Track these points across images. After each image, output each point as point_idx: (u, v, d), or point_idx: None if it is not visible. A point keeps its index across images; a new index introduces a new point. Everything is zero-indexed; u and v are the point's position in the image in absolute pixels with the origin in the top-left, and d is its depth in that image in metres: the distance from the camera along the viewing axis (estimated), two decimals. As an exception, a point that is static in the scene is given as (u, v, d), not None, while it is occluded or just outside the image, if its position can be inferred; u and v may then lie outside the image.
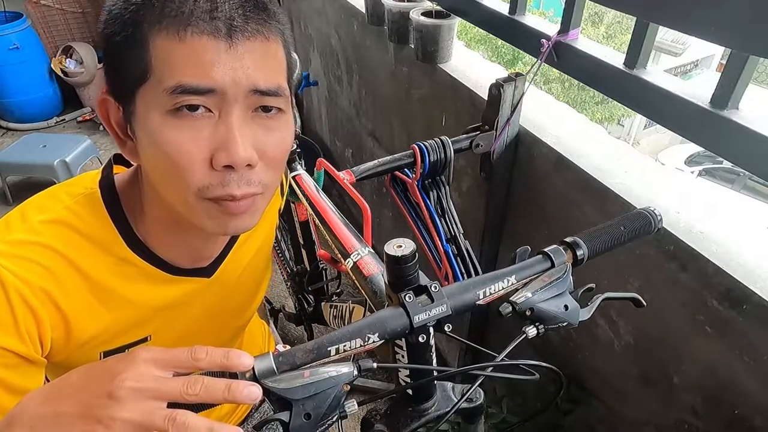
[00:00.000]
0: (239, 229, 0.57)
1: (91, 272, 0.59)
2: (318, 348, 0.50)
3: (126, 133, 0.56)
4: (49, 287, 0.56)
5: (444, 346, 1.90)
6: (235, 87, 0.50)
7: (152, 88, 0.50)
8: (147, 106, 0.51)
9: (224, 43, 0.49)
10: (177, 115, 0.50)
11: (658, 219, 0.68)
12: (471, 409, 0.69)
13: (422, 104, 1.66)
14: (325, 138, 2.81)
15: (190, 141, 0.50)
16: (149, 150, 0.53)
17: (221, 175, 0.52)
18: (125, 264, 0.62)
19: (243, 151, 0.50)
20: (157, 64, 0.49)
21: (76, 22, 3.76)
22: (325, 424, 0.48)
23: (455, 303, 0.55)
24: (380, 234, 2.25)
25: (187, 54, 0.48)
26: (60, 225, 0.58)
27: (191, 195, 0.53)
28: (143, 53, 0.49)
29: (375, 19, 1.76)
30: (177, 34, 0.48)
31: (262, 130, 0.53)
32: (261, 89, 0.51)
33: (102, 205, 0.61)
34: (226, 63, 0.49)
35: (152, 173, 0.56)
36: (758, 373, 0.82)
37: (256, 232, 0.79)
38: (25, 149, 2.91)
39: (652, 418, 1.06)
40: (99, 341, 0.63)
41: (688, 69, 12.54)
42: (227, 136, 0.50)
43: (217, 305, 0.75)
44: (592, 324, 1.14)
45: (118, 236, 0.61)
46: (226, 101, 0.50)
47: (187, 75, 0.48)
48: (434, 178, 1.16)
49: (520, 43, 1.23)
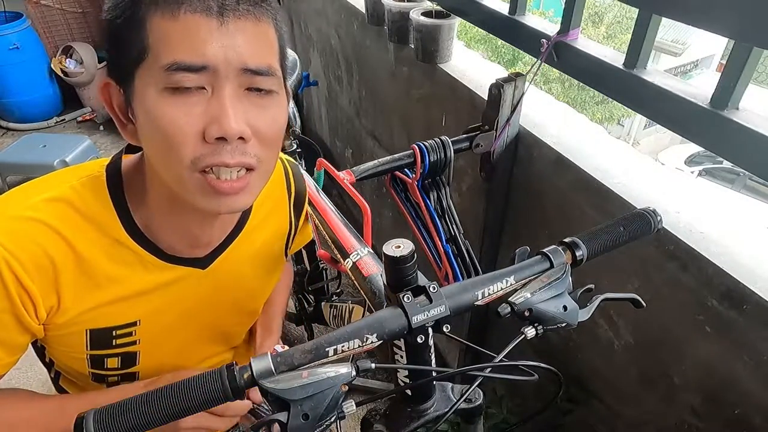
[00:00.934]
0: (233, 207, 0.59)
1: (84, 251, 0.61)
2: (316, 348, 0.50)
3: (127, 116, 0.58)
4: (40, 262, 0.58)
5: (443, 346, 1.90)
6: (227, 64, 0.52)
7: (149, 66, 0.52)
8: (144, 85, 0.53)
9: (216, 21, 0.51)
10: (173, 93, 0.52)
11: (657, 219, 0.68)
12: (470, 409, 0.69)
13: (422, 104, 1.65)
14: (325, 138, 2.81)
15: (183, 115, 0.52)
16: (146, 127, 0.55)
17: (213, 147, 0.54)
18: (119, 246, 0.64)
19: (234, 123, 0.53)
20: (154, 43, 0.52)
21: (76, 22, 3.75)
22: (323, 424, 0.48)
23: (454, 304, 0.55)
24: (380, 234, 2.25)
25: (180, 31, 0.51)
26: (61, 203, 0.61)
27: (185, 169, 0.54)
28: (141, 33, 0.52)
29: (375, 19, 1.76)
30: (171, 12, 0.51)
31: (254, 108, 0.55)
32: (251, 68, 0.53)
33: (105, 188, 0.63)
34: (217, 40, 0.51)
35: (149, 150, 0.58)
36: (758, 373, 0.82)
37: (262, 226, 0.79)
38: (25, 149, 2.91)
39: (652, 418, 1.06)
40: (86, 318, 0.65)
41: (688, 69, 12.53)
42: (219, 110, 0.52)
43: (212, 298, 0.75)
44: (591, 324, 1.14)
45: (116, 219, 0.63)
46: (218, 78, 0.52)
47: (181, 52, 0.51)
48: (434, 178, 1.16)
49: (520, 43, 1.23)
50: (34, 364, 0.76)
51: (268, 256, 0.83)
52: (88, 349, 0.68)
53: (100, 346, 0.68)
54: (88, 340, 0.67)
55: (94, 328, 0.66)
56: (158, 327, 0.72)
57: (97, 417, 0.44)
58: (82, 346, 0.67)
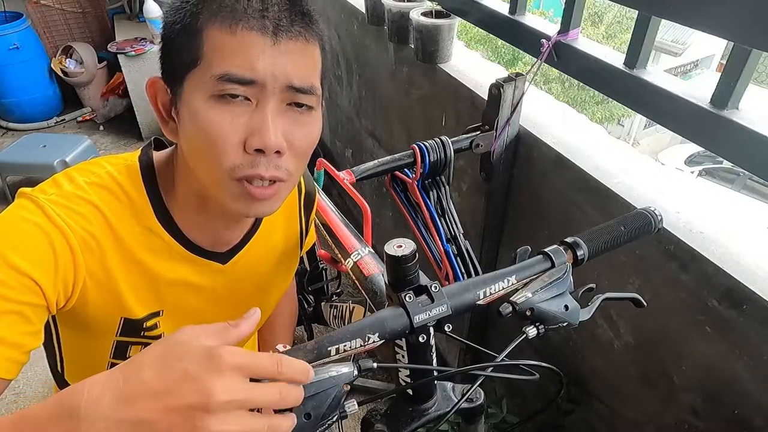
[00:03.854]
0: (261, 212, 0.62)
1: (123, 236, 0.64)
2: (318, 348, 0.50)
3: (170, 114, 0.62)
4: (89, 239, 0.61)
5: (444, 346, 1.90)
6: (274, 80, 0.55)
7: (201, 73, 0.55)
8: (193, 90, 0.56)
9: (270, 40, 0.55)
10: (219, 101, 0.55)
11: (658, 219, 0.68)
12: (471, 409, 0.70)
13: (422, 104, 1.65)
14: (325, 138, 2.81)
15: (228, 123, 0.55)
16: (190, 129, 0.58)
17: (252, 158, 0.56)
18: (151, 235, 0.66)
19: (274, 137, 0.55)
20: (208, 53, 0.55)
21: (76, 22, 3.75)
22: (325, 424, 0.48)
23: (455, 303, 0.56)
24: (380, 234, 2.25)
25: (235, 46, 0.54)
26: (102, 188, 0.63)
27: (223, 174, 0.57)
28: (197, 42, 0.55)
29: (375, 19, 1.76)
30: (229, 27, 0.54)
31: (292, 123, 0.58)
32: (296, 86, 0.57)
33: (139, 177, 0.66)
34: (268, 58, 0.54)
35: (189, 152, 0.61)
36: (758, 373, 0.82)
37: (275, 226, 0.81)
38: (25, 149, 2.91)
39: (652, 418, 1.06)
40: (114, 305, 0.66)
41: (688, 69, 12.53)
42: (261, 123, 0.55)
43: (229, 293, 0.78)
44: (592, 324, 1.14)
45: (149, 207, 0.66)
46: (264, 93, 0.55)
47: (234, 65, 0.54)
48: (434, 178, 1.16)
49: (520, 43, 1.23)
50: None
51: (282, 254, 0.85)
52: (118, 336, 0.69)
53: (130, 333, 0.70)
54: (120, 327, 0.69)
55: (126, 317, 0.68)
56: (179, 318, 0.73)
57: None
58: (113, 332, 0.69)
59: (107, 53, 3.49)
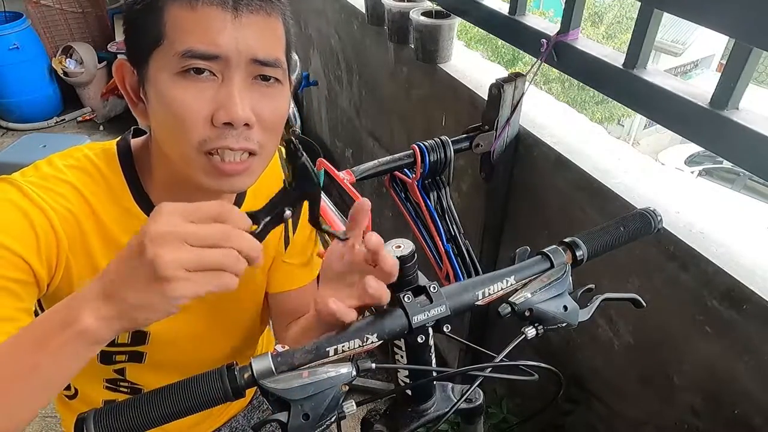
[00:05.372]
0: (234, 187, 0.63)
1: (102, 216, 0.65)
2: (317, 348, 0.50)
3: (138, 96, 0.62)
4: (69, 216, 0.62)
5: (444, 346, 1.90)
6: (238, 54, 0.56)
7: (164, 51, 0.56)
8: (158, 68, 0.57)
9: (230, 14, 0.55)
10: (184, 77, 0.56)
11: (658, 219, 0.68)
12: (470, 409, 0.69)
13: (422, 104, 1.65)
14: (325, 138, 2.80)
15: (194, 99, 0.56)
16: (157, 108, 0.58)
17: (220, 131, 0.57)
18: (129, 216, 0.67)
19: (241, 110, 0.56)
20: (170, 30, 0.55)
21: (76, 22, 3.75)
22: (323, 424, 0.48)
23: (454, 303, 0.55)
24: (380, 234, 2.24)
25: (197, 21, 0.54)
26: (79, 170, 0.65)
27: (192, 149, 0.58)
28: (158, 20, 0.55)
29: (375, 19, 1.76)
30: (189, 3, 0.54)
31: (260, 96, 0.59)
32: (260, 59, 0.57)
33: (117, 160, 0.67)
34: (230, 32, 0.55)
35: (158, 130, 0.61)
36: (758, 373, 0.82)
37: None
38: (25, 149, 2.90)
39: (652, 418, 1.06)
40: None
41: (688, 69, 12.52)
42: (228, 97, 0.56)
43: None
44: (592, 324, 1.14)
45: (126, 189, 0.67)
46: (228, 67, 0.56)
47: (196, 41, 0.54)
48: (434, 178, 1.16)
49: (520, 43, 1.23)
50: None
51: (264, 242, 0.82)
52: None
53: None
54: None
55: None
56: None
57: (97, 417, 0.44)
58: None
59: (107, 53, 3.49)
